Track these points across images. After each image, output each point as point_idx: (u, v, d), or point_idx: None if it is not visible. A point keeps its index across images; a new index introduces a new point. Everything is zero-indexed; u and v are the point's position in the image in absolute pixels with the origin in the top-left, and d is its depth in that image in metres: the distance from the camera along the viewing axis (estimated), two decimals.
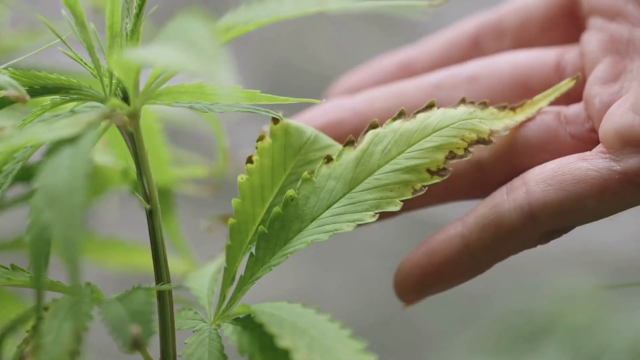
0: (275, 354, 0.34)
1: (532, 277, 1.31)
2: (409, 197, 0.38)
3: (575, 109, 0.42)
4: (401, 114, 0.40)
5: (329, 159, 0.39)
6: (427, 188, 0.38)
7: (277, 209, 0.38)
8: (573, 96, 0.43)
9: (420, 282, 0.42)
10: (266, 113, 0.38)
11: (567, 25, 0.47)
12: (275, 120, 0.40)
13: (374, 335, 1.43)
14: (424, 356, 1.23)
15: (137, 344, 0.33)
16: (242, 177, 0.39)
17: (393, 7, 0.34)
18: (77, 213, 0.31)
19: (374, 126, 0.39)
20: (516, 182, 0.40)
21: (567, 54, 0.45)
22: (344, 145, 0.39)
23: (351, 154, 0.39)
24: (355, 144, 0.39)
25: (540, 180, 0.40)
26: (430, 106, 0.40)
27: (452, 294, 1.41)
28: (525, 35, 0.47)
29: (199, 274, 0.42)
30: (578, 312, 0.94)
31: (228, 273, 0.39)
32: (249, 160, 0.39)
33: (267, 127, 0.40)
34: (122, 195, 0.51)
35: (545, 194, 0.39)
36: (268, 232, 0.38)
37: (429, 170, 0.38)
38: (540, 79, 0.44)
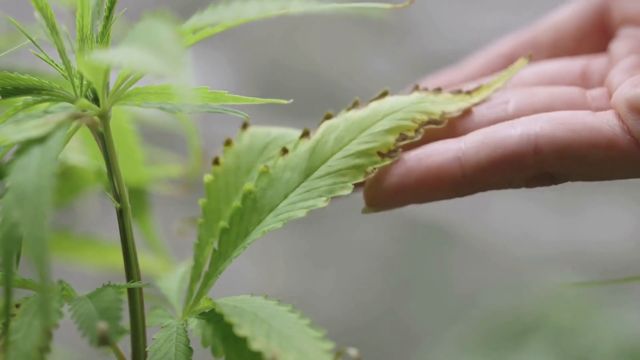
0: (237, 344, 0.35)
1: (520, 277, 1.31)
2: (361, 180, 0.39)
3: (598, 90, 0.43)
4: (355, 104, 0.41)
5: (284, 151, 0.40)
6: (377, 170, 0.39)
7: (236, 204, 0.39)
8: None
9: (400, 184, 0.40)
10: (234, 113, 0.38)
11: (598, 37, 0.47)
12: (244, 126, 0.41)
13: (364, 334, 1.44)
14: (413, 355, 1.23)
15: (104, 340, 0.33)
16: (208, 177, 0.39)
17: (356, 8, 0.35)
18: (44, 211, 0.32)
19: (328, 117, 0.40)
20: (526, 117, 0.40)
21: (594, 62, 0.45)
22: (300, 137, 0.40)
23: (306, 144, 0.40)
24: (311, 135, 0.40)
25: (552, 119, 0.39)
26: (383, 94, 0.41)
27: (441, 293, 1.42)
28: (559, 50, 0.48)
29: (171, 275, 0.43)
30: (564, 311, 0.94)
31: (195, 270, 0.39)
32: (215, 161, 0.40)
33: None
34: (103, 196, 0.52)
35: (555, 130, 0.39)
36: (229, 226, 0.39)
37: (379, 153, 0.39)
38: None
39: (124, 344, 0.39)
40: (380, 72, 1.64)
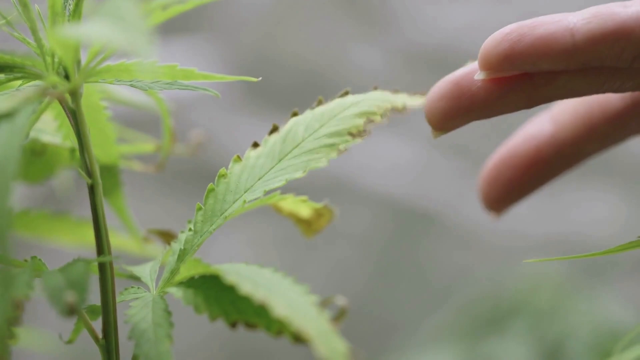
0: (219, 304, 0.36)
1: (501, 264, 1.32)
2: (335, 157, 0.40)
3: None
4: (319, 102, 0.42)
5: (255, 145, 0.41)
6: (349, 148, 0.41)
7: (210, 186, 0.40)
8: None
9: (511, 49, 0.41)
10: (204, 91, 0.39)
11: None
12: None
13: (346, 320, 1.44)
14: (394, 340, 1.24)
15: (72, 310, 0.34)
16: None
17: None
18: (9, 183, 0.32)
19: (294, 115, 0.42)
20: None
21: None
22: (269, 133, 0.42)
23: (276, 136, 0.41)
24: (279, 130, 0.41)
25: None
26: (344, 94, 0.43)
27: (423, 280, 1.42)
28: None
29: (144, 263, 0.44)
30: (543, 297, 0.95)
31: (172, 250, 0.40)
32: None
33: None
34: (78, 177, 0.52)
35: None
36: (204, 207, 0.40)
37: (350, 134, 0.41)
38: None
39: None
40: (365, 65, 1.64)
